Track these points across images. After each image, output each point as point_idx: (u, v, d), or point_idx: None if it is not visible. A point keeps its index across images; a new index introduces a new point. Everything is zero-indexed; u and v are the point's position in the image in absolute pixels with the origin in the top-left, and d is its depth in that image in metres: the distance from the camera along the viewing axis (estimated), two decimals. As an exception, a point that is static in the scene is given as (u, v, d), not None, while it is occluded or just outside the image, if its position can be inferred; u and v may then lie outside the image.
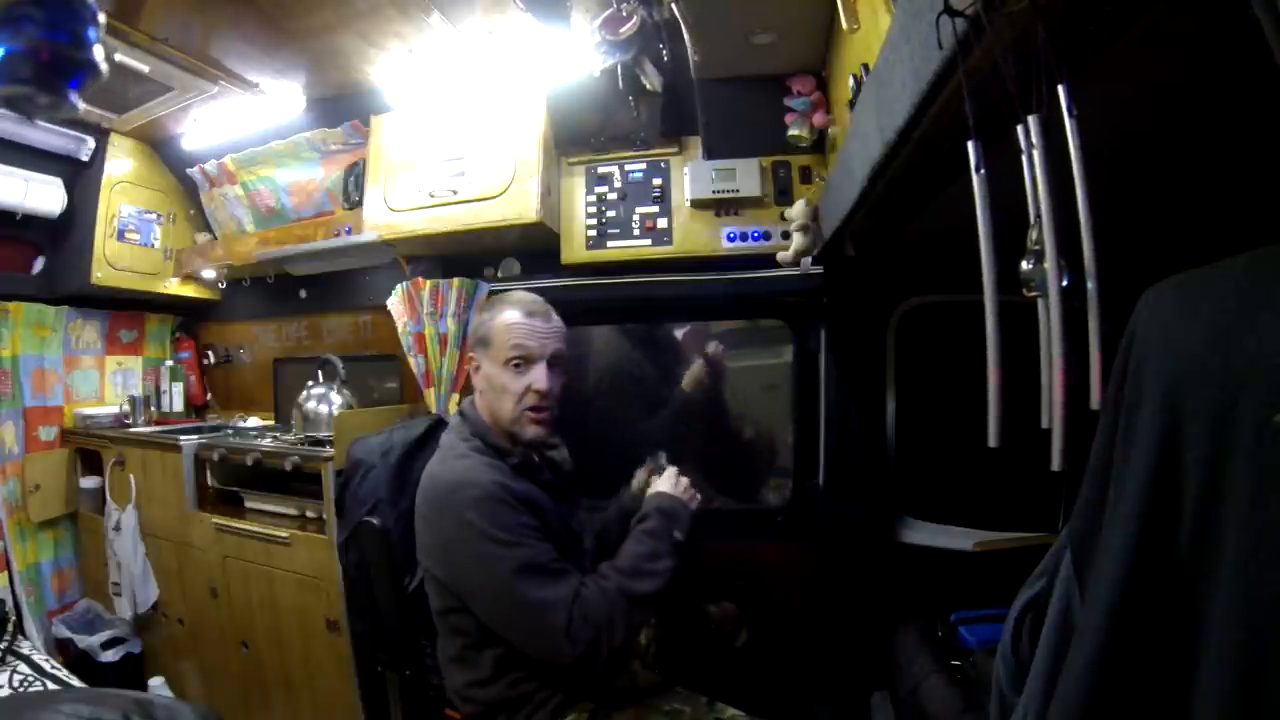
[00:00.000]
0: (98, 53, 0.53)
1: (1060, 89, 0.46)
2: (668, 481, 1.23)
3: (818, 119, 1.54)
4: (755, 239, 1.66)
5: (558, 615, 1.03)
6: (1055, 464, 0.50)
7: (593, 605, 1.05)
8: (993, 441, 0.51)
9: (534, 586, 1.04)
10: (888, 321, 1.65)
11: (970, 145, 0.54)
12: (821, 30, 1.38)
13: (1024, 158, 0.50)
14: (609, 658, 1.05)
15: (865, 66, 1.04)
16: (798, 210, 1.53)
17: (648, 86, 1.58)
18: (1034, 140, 0.49)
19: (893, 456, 1.67)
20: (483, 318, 1.23)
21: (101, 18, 0.53)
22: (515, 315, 1.18)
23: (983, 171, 0.53)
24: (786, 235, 1.58)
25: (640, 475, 1.35)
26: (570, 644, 1.02)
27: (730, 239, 1.68)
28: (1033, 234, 0.50)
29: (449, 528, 1.10)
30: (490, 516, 1.06)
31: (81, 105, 0.55)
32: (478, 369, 1.22)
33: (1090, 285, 0.46)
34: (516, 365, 1.16)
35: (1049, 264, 0.48)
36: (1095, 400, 0.48)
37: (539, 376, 1.16)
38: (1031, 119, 0.48)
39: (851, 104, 1.13)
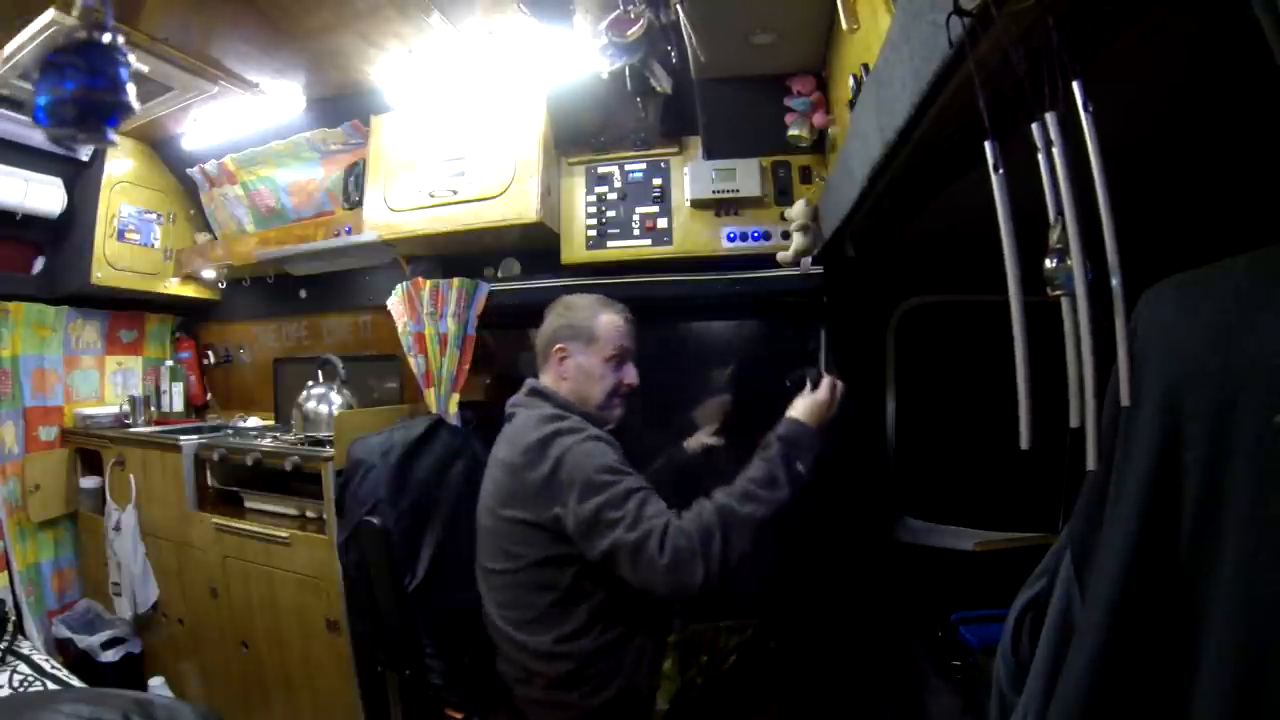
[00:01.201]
0: (131, 92, 0.59)
1: (1075, 85, 0.46)
2: (801, 404, 1.22)
3: (818, 119, 1.54)
4: (755, 239, 1.66)
5: (655, 529, 1.07)
6: (1090, 463, 0.50)
7: (688, 522, 1.08)
8: (1024, 444, 0.50)
9: (644, 503, 1.10)
10: (888, 321, 1.65)
11: (988, 145, 0.54)
12: (821, 30, 1.38)
13: (1041, 156, 0.49)
14: (708, 578, 1.05)
15: (865, 66, 1.04)
16: (798, 210, 1.53)
17: (657, 88, 1.56)
18: (1053, 138, 0.49)
19: (893, 456, 1.67)
20: (580, 315, 1.35)
21: (132, 58, 0.59)
22: (619, 319, 1.35)
23: (1001, 171, 0.53)
24: (786, 235, 1.58)
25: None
26: (663, 556, 1.04)
27: (730, 239, 1.68)
28: (1054, 232, 0.49)
29: (552, 464, 1.16)
30: (603, 450, 1.17)
31: (116, 138, 0.62)
32: (564, 359, 1.34)
33: (1115, 282, 0.45)
34: (618, 361, 1.32)
35: (1074, 262, 0.47)
36: (1125, 398, 0.48)
37: (631, 371, 1.34)
38: (1049, 116, 0.48)
39: (851, 104, 1.13)
